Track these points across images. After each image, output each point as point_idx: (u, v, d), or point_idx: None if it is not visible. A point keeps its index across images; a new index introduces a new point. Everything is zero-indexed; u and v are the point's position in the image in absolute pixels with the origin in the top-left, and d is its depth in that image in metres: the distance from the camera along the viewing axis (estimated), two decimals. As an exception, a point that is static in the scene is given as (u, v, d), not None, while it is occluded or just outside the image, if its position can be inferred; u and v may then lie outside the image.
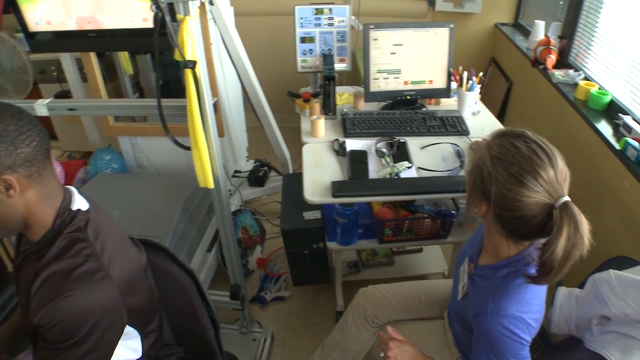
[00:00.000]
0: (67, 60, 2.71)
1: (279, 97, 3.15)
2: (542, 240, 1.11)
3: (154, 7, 1.51)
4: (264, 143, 3.21)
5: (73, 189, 1.24)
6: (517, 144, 1.12)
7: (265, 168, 2.96)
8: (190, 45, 1.53)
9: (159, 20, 1.56)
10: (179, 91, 3.11)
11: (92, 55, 2.53)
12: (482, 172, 1.17)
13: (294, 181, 2.42)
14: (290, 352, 2.31)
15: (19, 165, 1.05)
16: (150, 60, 3.14)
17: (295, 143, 3.05)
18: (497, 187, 1.12)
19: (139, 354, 1.33)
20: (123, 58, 2.97)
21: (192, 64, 1.53)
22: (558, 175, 1.09)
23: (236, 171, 2.94)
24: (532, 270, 1.16)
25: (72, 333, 1.10)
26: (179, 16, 1.52)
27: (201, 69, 1.58)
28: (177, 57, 1.55)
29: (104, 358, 1.21)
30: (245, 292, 2.17)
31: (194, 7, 1.53)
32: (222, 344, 1.55)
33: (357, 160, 1.94)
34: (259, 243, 2.78)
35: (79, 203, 1.22)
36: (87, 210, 1.22)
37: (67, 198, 1.20)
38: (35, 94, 3.34)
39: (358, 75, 3.23)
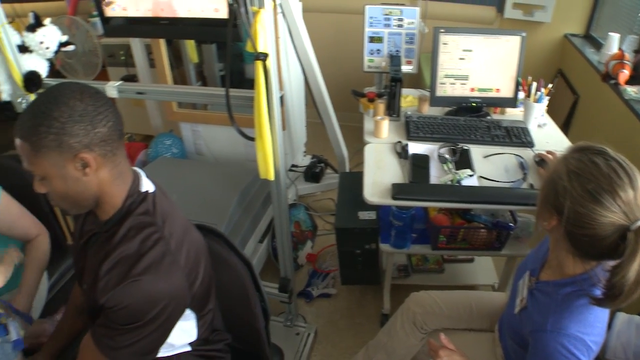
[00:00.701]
0: (137, 45, 2.78)
1: (340, 95, 3.14)
2: (612, 262, 1.07)
3: (231, -2, 1.54)
4: (322, 140, 3.22)
5: (140, 171, 1.27)
6: (596, 161, 1.08)
7: (322, 164, 2.96)
8: (263, 37, 1.54)
9: (234, 11, 1.59)
10: (241, 82, 3.16)
11: (162, 42, 2.59)
12: (556, 185, 1.13)
13: (351, 180, 2.41)
14: (332, 349, 2.31)
15: (95, 144, 1.08)
16: (215, 50, 3.20)
17: (353, 142, 3.06)
18: (571, 203, 1.08)
19: (194, 337, 1.36)
20: (189, 46, 3.03)
21: (264, 57, 1.54)
22: (638, 196, 1.05)
23: (293, 165, 2.96)
24: (598, 292, 1.12)
25: (137, 317, 1.12)
26: (254, 8, 1.53)
27: (272, 62, 1.59)
28: (249, 48, 1.57)
29: (161, 339, 1.24)
30: (294, 286, 2.18)
31: (269, 0, 1.54)
32: (270, 335, 1.56)
33: (419, 164, 1.92)
34: (310, 238, 2.79)
35: (147, 185, 1.25)
36: (154, 193, 1.25)
37: (137, 180, 1.23)
38: (103, 76, 3.45)
39: (421, 79, 3.20)
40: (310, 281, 2.62)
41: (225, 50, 3.25)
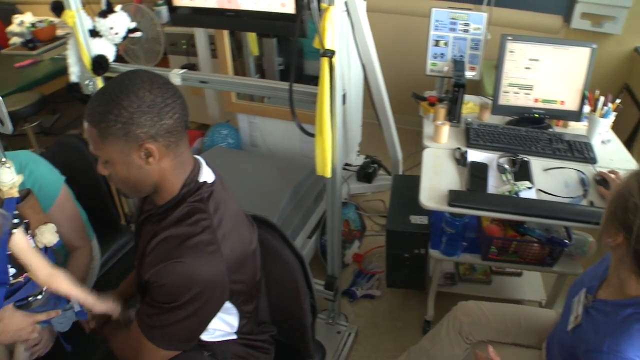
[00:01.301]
0: (200, 35, 2.83)
1: (398, 97, 3.12)
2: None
3: (300, -7, 1.55)
4: (375, 140, 3.21)
5: (202, 160, 1.29)
6: None
7: (375, 165, 2.95)
8: (331, 35, 1.55)
9: (303, 6, 1.59)
10: (299, 78, 3.19)
11: (226, 33, 2.62)
12: (626, 201, 1.09)
13: (405, 183, 2.40)
14: (372, 351, 2.30)
15: (160, 135, 1.11)
16: (276, 44, 3.23)
17: (407, 145, 3.04)
18: None
19: (234, 330, 1.37)
20: (251, 39, 3.06)
21: (331, 54, 1.55)
22: None
23: (346, 164, 2.96)
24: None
25: (174, 297, 1.15)
26: (324, 5, 1.53)
27: (338, 60, 1.59)
28: (316, 45, 1.57)
29: (199, 327, 1.26)
30: (340, 284, 2.18)
31: (339, -2, 1.54)
32: (315, 331, 1.57)
33: (477, 172, 1.89)
34: (358, 238, 2.78)
35: (206, 175, 1.27)
36: (212, 183, 1.27)
37: (196, 169, 1.25)
38: (164, 64, 3.53)
39: (480, 86, 3.14)
40: (355, 281, 2.61)
41: (287, 44, 3.29)
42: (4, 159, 1.30)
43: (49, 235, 1.41)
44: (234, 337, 1.38)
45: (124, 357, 1.37)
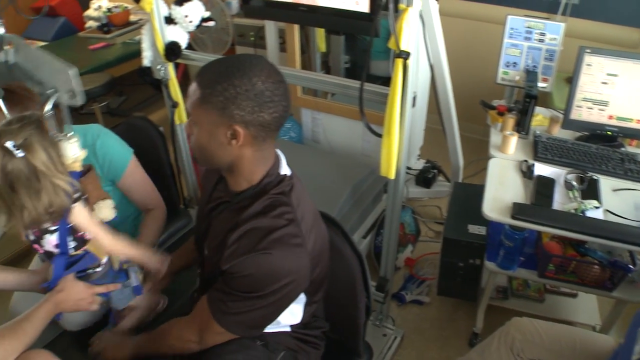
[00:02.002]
0: (271, 28, 2.85)
1: (464, 104, 3.06)
2: None
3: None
4: (436, 145, 3.17)
5: (281, 154, 1.30)
6: None
7: (435, 171, 2.92)
8: (407, 36, 1.53)
9: (381, 6, 1.59)
10: (362, 77, 3.17)
11: (296, 28, 2.64)
12: None
13: (465, 191, 2.36)
14: (416, 358, 2.28)
15: (253, 125, 1.12)
16: (344, 41, 3.23)
17: (468, 153, 2.99)
18: None
19: (298, 320, 1.38)
20: (319, 35, 3.07)
21: (406, 55, 1.53)
22: None
23: (407, 167, 2.94)
24: None
25: (257, 287, 1.16)
26: (402, 6, 1.52)
27: (412, 62, 1.57)
28: (392, 45, 1.56)
29: (272, 316, 1.27)
30: (391, 287, 2.16)
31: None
32: (366, 331, 1.57)
33: (544, 187, 1.84)
34: (412, 243, 2.76)
35: (285, 169, 1.28)
36: (291, 177, 1.28)
37: (277, 162, 1.27)
38: (231, 54, 3.57)
39: (549, 98, 3.06)
40: (405, 285, 2.59)
41: (354, 42, 3.28)
42: (69, 134, 1.33)
43: (106, 210, 1.46)
44: (288, 329, 1.39)
45: (177, 341, 1.38)
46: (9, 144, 1.18)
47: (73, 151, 1.33)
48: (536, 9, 3.02)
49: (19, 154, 1.19)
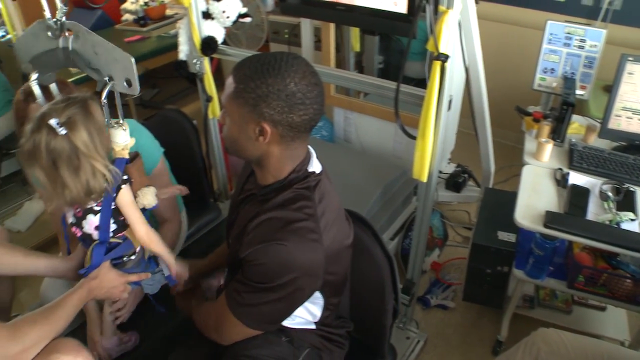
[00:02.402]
0: (306, 26, 2.85)
1: (496, 108, 3.02)
2: None
3: (422, -7, 1.53)
4: (467, 150, 3.14)
5: (312, 151, 1.31)
6: None
7: (466, 175, 2.89)
8: (446, 38, 1.52)
9: (421, 7, 1.58)
10: (397, 79, 3.16)
11: (332, 27, 2.64)
12: None
13: (496, 197, 2.34)
14: (438, 362, 2.27)
15: (281, 125, 1.13)
16: (378, 42, 3.22)
17: (499, 159, 2.95)
18: None
19: (315, 320, 1.38)
20: (353, 35, 3.07)
21: (445, 58, 1.52)
22: None
23: (438, 171, 2.94)
24: None
25: (269, 278, 1.17)
26: (442, 8, 1.51)
27: (450, 65, 1.56)
28: (430, 47, 1.55)
29: (286, 311, 1.28)
30: (417, 290, 2.15)
31: (458, 1, 1.51)
32: (391, 334, 1.56)
33: (578, 196, 1.81)
34: (439, 247, 2.74)
35: (315, 166, 1.29)
36: (319, 174, 1.28)
37: (307, 158, 1.27)
38: (264, 51, 3.59)
39: (584, 106, 3.01)
40: (430, 289, 2.58)
41: (388, 43, 3.27)
42: (121, 121, 1.37)
43: (150, 197, 1.48)
44: (313, 326, 1.40)
45: (203, 327, 1.42)
46: (52, 122, 1.22)
47: (124, 138, 1.36)
48: (576, 15, 2.97)
49: (62, 131, 1.23)
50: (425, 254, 2.61)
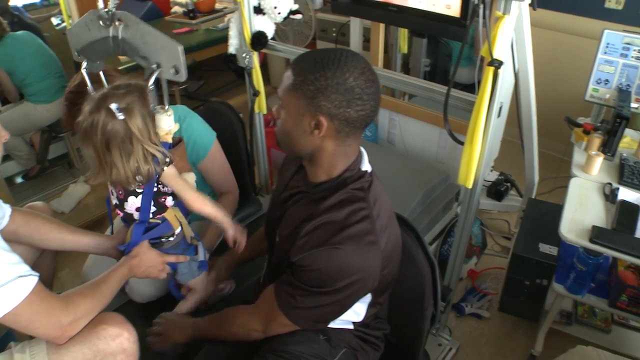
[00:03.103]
0: (356, 26, 2.84)
1: (543, 118, 2.96)
2: None
3: (476, -1, 1.51)
4: (510, 158, 3.10)
5: (364, 151, 1.31)
6: None
7: (508, 184, 2.85)
8: (501, 44, 1.50)
9: (476, 11, 1.55)
10: (444, 82, 3.12)
11: (382, 27, 2.63)
12: None
13: (540, 208, 2.30)
14: (470, 372, 2.24)
15: (337, 119, 1.14)
16: (425, 44, 3.19)
17: (543, 169, 2.89)
18: None
19: (359, 319, 1.38)
20: (402, 36, 3.05)
21: (499, 64, 1.50)
22: None
23: (481, 178, 2.90)
24: None
25: (326, 283, 1.17)
26: (498, 13, 1.49)
27: (503, 72, 1.54)
28: (484, 52, 1.53)
29: (339, 312, 1.28)
30: (453, 297, 2.13)
31: (515, 6, 1.48)
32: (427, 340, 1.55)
33: (627, 213, 1.76)
34: (477, 255, 2.71)
35: (366, 166, 1.28)
36: (371, 174, 1.28)
37: (359, 158, 1.27)
38: (311, 48, 3.60)
39: (636, 120, 2.93)
40: (465, 297, 2.55)
41: (436, 46, 3.25)
42: (166, 107, 1.41)
43: (189, 182, 1.52)
44: (351, 327, 1.39)
45: (242, 330, 1.40)
46: (113, 106, 1.28)
47: (168, 123, 1.41)
48: (635, 24, 2.88)
49: (120, 116, 1.28)
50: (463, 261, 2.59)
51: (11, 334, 1.62)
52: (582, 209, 1.79)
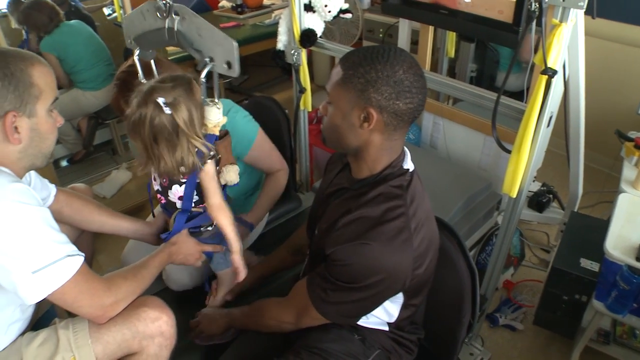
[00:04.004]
0: (404, 28, 2.82)
1: (591, 130, 2.90)
2: None
3: (534, 3, 1.48)
4: (552, 169, 3.04)
5: (407, 150, 1.31)
6: None
7: (550, 196, 2.79)
8: (556, 53, 1.47)
9: (531, 17, 1.52)
10: (489, 88, 3.07)
11: (431, 30, 2.61)
12: None
13: (583, 222, 2.25)
14: (500, 385, 2.21)
15: (387, 111, 1.15)
16: (473, 49, 3.15)
17: (588, 183, 2.82)
18: None
19: (392, 320, 1.38)
20: (450, 40, 3.01)
21: (552, 73, 1.47)
22: None
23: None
24: None
25: (356, 278, 1.18)
26: (554, 21, 1.46)
27: (556, 82, 1.51)
28: (538, 61, 1.51)
29: (369, 309, 1.29)
30: (488, 306, 2.10)
31: (572, 14, 1.45)
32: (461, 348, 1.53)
33: (677, 232, 1.71)
34: (514, 265, 2.66)
35: (409, 164, 1.28)
36: (412, 172, 1.28)
37: (402, 156, 1.27)
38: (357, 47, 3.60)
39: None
40: (500, 307, 2.51)
41: (484, 51, 3.20)
42: (216, 100, 1.43)
43: (233, 174, 1.54)
44: (386, 328, 1.39)
45: (275, 322, 1.43)
46: (160, 100, 1.29)
47: (217, 116, 1.42)
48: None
49: (167, 110, 1.30)
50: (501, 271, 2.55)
51: (52, 310, 1.66)
52: (630, 226, 1.75)
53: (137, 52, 1.55)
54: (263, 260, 1.84)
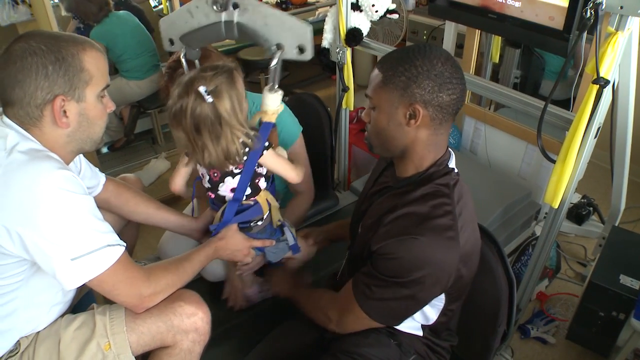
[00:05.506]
0: (450, 31, 2.80)
1: (638, 144, 2.82)
2: None
3: (589, 10, 1.45)
4: (594, 182, 2.97)
5: (452, 151, 1.30)
6: None
7: (590, 209, 2.73)
8: (609, 63, 1.44)
9: (586, 25, 1.49)
10: (533, 95, 3.02)
11: (477, 34, 2.57)
12: None
13: (624, 237, 2.20)
14: (527, 398, 2.17)
15: (431, 105, 1.15)
16: (519, 55, 3.10)
17: (631, 198, 2.75)
18: None
19: (428, 323, 1.37)
20: (495, 45, 2.97)
21: (605, 83, 1.44)
22: None
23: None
24: None
25: (401, 273, 1.17)
26: (610, 29, 1.43)
27: (607, 92, 1.47)
28: (590, 70, 1.47)
29: (413, 309, 1.28)
30: (520, 317, 2.07)
31: (629, 24, 1.41)
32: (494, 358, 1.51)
33: None
34: (549, 277, 2.61)
35: (453, 164, 1.28)
36: (457, 173, 1.27)
37: (447, 154, 1.28)
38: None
39: None
40: (532, 319, 2.46)
41: (529, 58, 3.14)
42: (276, 87, 1.44)
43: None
44: (420, 333, 1.38)
45: (318, 315, 1.44)
46: (201, 89, 1.30)
47: (276, 104, 1.43)
48: None
49: (209, 99, 1.31)
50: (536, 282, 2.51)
51: (91, 294, 1.69)
52: (675, 244, 1.70)
53: (183, 52, 1.56)
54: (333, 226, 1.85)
